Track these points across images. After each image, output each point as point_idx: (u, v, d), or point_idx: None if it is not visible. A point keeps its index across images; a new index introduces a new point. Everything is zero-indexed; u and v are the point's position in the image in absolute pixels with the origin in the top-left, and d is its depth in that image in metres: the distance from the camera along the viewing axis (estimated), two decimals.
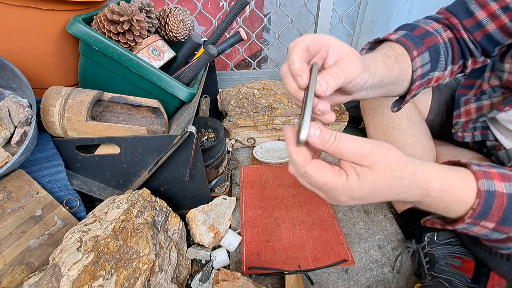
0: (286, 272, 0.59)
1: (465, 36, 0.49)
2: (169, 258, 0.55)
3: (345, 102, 0.41)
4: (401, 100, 0.50)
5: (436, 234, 0.59)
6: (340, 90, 0.36)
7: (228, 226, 0.70)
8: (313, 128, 0.29)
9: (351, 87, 0.35)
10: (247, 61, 1.30)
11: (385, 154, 0.29)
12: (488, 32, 0.47)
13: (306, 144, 0.30)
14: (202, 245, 0.66)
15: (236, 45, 1.04)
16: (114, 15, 0.63)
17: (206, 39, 0.90)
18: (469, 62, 0.50)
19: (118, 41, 0.66)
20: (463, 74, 0.54)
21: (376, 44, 0.49)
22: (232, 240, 0.66)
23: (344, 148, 0.29)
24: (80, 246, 0.46)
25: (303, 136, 0.28)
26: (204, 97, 1.01)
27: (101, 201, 0.59)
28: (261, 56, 1.31)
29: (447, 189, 0.30)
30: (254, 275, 0.61)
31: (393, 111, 0.52)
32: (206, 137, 0.84)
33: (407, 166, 0.30)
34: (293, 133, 0.31)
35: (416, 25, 0.49)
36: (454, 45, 0.49)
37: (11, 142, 0.54)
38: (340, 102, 0.40)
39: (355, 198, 0.30)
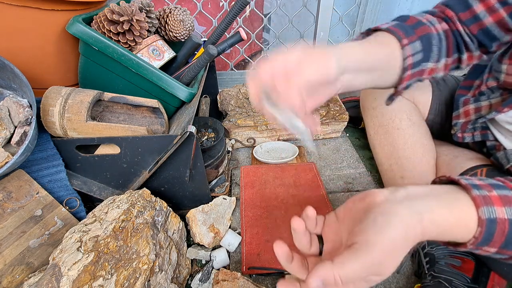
0: (286, 272, 0.59)
1: (460, 28, 0.47)
2: (169, 258, 0.55)
3: (335, 93, 0.40)
4: (395, 93, 0.49)
5: None
6: (321, 84, 0.36)
7: (228, 226, 0.70)
8: (313, 279, 0.27)
9: (322, 80, 0.35)
10: (247, 61, 1.30)
11: (385, 242, 0.27)
12: (485, 26, 0.45)
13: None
14: (202, 245, 0.66)
15: (236, 45, 1.04)
16: (114, 15, 0.63)
17: (206, 39, 0.90)
18: (465, 56, 0.49)
19: (118, 41, 0.66)
20: (459, 71, 0.53)
21: (367, 35, 0.48)
22: (232, 240, 0.66)
23: (349, 273, 0.26)
24: (80, 246, 0.46)
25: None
26: (204, 97, 1.01)
27: (101, 201, 0.59)
28: (261, 56, 1.31)
29: (445, 233, 0.29)
30: (254, 275, 0.61)
31: (387, 104, 0.50)
32: (206, 137, 0.84)
33: (406, 235, 0.28)
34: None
35: (408, 16, 0.48)
36: (449, 37, 0.48)
37: (11, 142, 0.54)
38: (330, 95, 0.39)
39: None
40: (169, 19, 0.78)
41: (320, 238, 0.34)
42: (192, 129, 0.56)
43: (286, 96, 0.31)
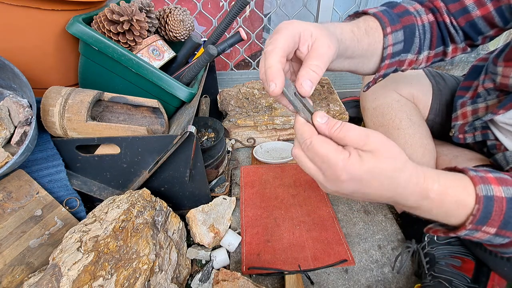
0: (286, 272, 0.59)
1: (447, 20, 0.47)
2: (169, 258, 0.55)
3: None
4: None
5: None
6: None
7: (228, 226, 0.70)
8: (320, 116, 0.31)
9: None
10: (247, 61, 1.30)
11: (388, 145, 0.29)
12: (472, 18, 0.46)
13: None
14: (202, 245, 0.66)
15: (236, 45, 1.04)
16: (114, 15, 0.63)
17: (206, 39, 0.90)
18: (450, 48, 0.49)
19: (118, 41, 0.66)
20: (442, 62, 0.53)
21: (355, 17, 0.48)
22: (232, 240, 0.66)
23: (348, 133, 0.29)
24: (80, 246, 0.46)
25: (314, 115, 0.30)
26: (204, 97, 1.01)
27: (101, 201, 0.59)
28: (261, 56, 1.31)
29: (446, 190, 0.30)
30: (254, 275, 0.61)
31: (363, 91, 0.51)
32: (206, 137, 0.84)
33: (407, 161, 0.30)
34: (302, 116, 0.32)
35: (397, 3, 0.48)
36: (434, 29, 0.48)
37: (11, 142, 0.54)
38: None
39: (354, 179, 0.29)
40: (169, 19, 0.78)
41: None
42: (192, 129, 0.56)
43: (310, 74, 0.31)
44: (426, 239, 0.60)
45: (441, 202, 0.30)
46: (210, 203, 0.72)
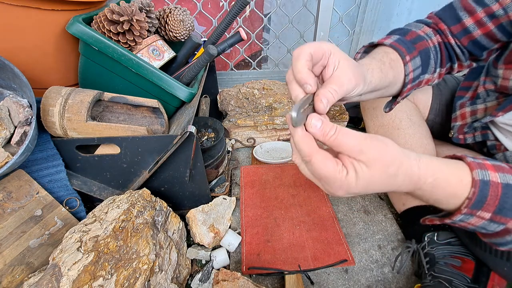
0: (286, 272, 0.59)
1: (452, 41, 0.51)
2: (169, 258, 0.55)
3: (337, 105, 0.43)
4: (393, 100, 0.51)
5: (436, 234, 0.59)
6: None
7: (228, 226, 0.70)
8: (315, 119, 0.30)
9: (345, 97, 0.37)
10: (247, 61, 1.30)
11: (382, 151, 0.30)
12: (475, 38, 0.49)
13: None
14: (202, 245, 0.66)
15: (236, 45, 1.04)
16: (114, 15, 0.63)
17: (206, 39, 0.90)
18: (456, 65, 0.54)
19: (118, 41, 0.66)
20: (449, 74, 0.56)
21: (370, 48, 0.51)
22: (232, 240, 0.66)
23: (343, 141, 0.30)
24: (80, 246, 0.46)
25: (293, 114, 0.29)
26: (204, 97, 1.01)
27: (101, 201, 0.59)
28: (261, 56, 1.31)
29: (439, 184, 0.31)
30: (254, 275, 0.61)
31: (385, 112, 0.54)
32: (206, 137, 0.84)
33: (402, 164, 0.30)
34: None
35: (408, 29, 0.51)
36: (442, 49, 0.51)
37: (11, 142, 0.54)
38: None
39: (351, 192, 0.31)
40: (169, 19, 0.78)
41: None
42: (192, 129, 0.56)
43: (327, 94, 0.32)
44: (426, 239, 0.60)
45: (432, 193, 0.32)
46: (210, 203, 0.72)
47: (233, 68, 1.29)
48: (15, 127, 0.55)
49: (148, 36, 0.74)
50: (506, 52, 0.50)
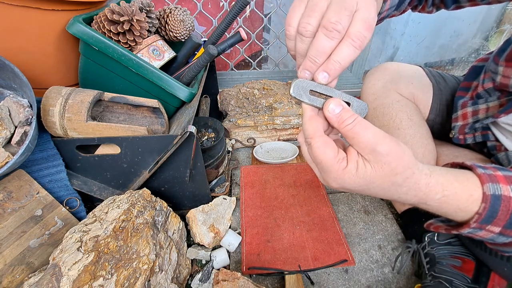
0: (286, 272, 0.59)
1: None
2: (169, 258, 0.55)
3: None
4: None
5: (436, 234, 0.59)
6: None
7: (228, 226, 0.70)
8: (335, 103, 0.28)
9: None
10: (247, 61, 1.30)
11: (397, 158, 0.27)
12: None
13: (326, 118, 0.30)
14: (202, 245, 0.66)
15: (236, 45, 1.04)
16: (114, 15, 0.63)
17: (206, 39, 0.90)
18: (420, 7, 0.53)
19: (118, 41, 0.66)
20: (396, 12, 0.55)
21: None
22: (232, 240, 0.66)
23: (360, 134, 0.27)
24: (80, 246, 0.46)
25: (291, 91, 0.27)
26: (204, 97, 1.01)
27: (101, 201, 0.59)
28: (261, 56, 1.31)
29: (448, 200, 0.29)
30: (254, 275, 0.61)
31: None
32: (206, 137, 0.84)
33: (412, 176, 0.28)
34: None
35: None
36: None
37: (11, 142, 0.54)
38: None
39: (346, 188, 0.30)
40: (169, 19, 0.78)
41: None
42: (192, 129, 0.56)
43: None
44: (426, 239, 0.60)
45: (440, 207, 0.30)
46: (210, 203, 0.72)
47: (233, 68, 1.29)
48: (16, 127, 0.55)
49: (148, 36, 0.74)
50: (509, 48, 0.49)
